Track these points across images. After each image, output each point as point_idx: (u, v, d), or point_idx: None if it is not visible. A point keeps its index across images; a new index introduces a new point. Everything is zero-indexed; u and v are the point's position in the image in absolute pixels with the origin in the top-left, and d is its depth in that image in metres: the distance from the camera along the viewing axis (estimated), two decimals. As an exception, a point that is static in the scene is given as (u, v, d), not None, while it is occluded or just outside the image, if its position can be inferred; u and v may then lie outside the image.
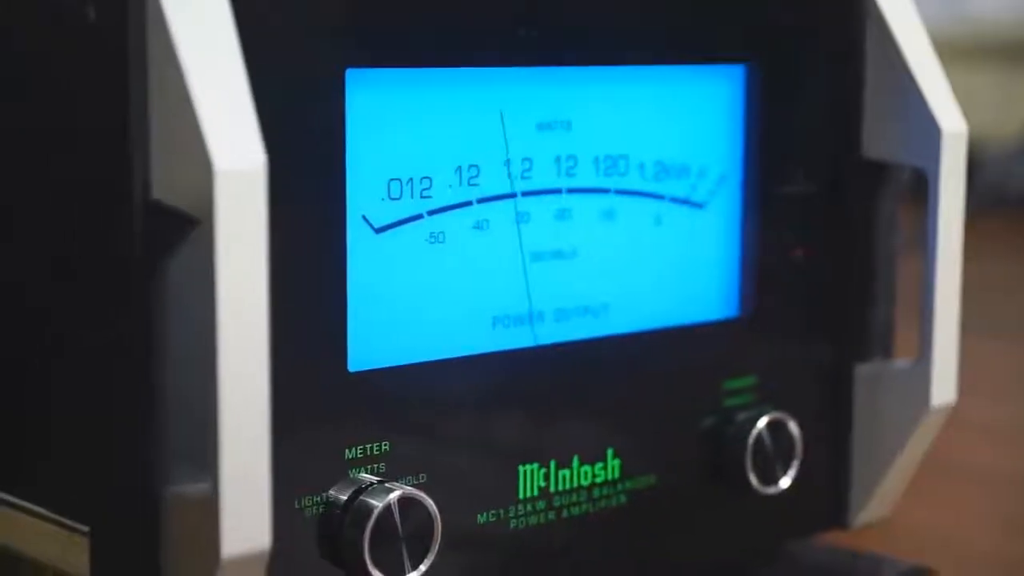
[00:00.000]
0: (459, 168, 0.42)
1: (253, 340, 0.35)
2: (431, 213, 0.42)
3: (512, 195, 0.43)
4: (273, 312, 0.35)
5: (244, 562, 0.35)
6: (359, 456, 0.40)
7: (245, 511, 0.35)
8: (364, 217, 0.40)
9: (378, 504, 0.39)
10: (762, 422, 0.48)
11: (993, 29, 1.56)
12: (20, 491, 0.41)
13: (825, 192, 0.49)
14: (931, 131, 0.48)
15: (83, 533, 0.38)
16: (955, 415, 0.50)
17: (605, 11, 0.44)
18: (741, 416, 0.48)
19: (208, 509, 0.35)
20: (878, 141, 0.49)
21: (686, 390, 0.47)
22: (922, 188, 0.48)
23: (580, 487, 0.45)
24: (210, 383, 0.35)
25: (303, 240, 0.39)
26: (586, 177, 0.45)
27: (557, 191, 0.44)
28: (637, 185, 0.46)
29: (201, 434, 0.35)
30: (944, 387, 0.49)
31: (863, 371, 0.50)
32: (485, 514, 0.43)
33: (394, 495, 0.39)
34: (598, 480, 0.45)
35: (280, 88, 0.38)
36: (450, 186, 0.42)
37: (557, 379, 0.44)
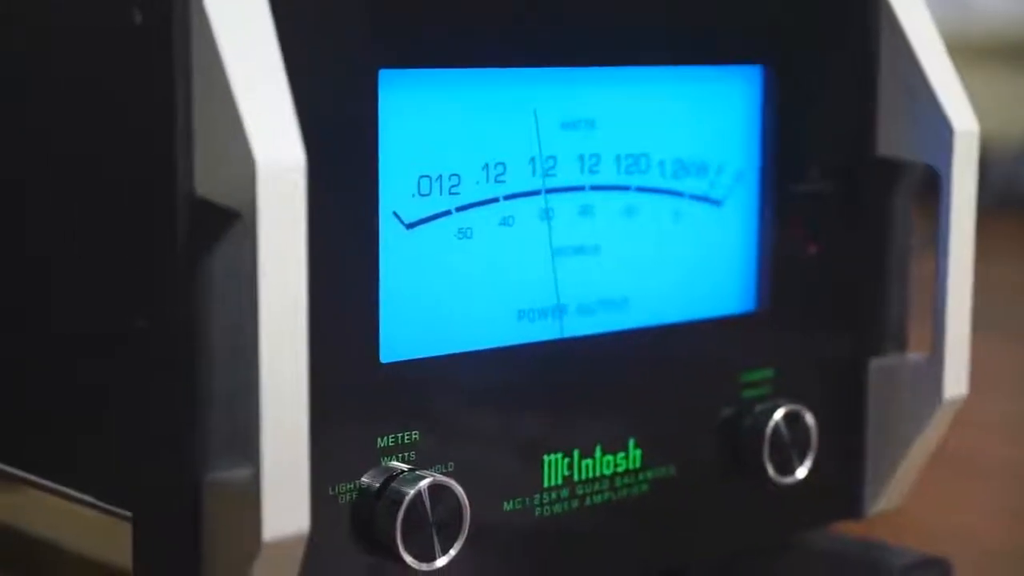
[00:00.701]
0: (486, 165, 0.43)
1: (292, 330, 0.36)
2: (459, 209, 0.43)
3: (537, 192, 0.45)
4: (309, 304, 0.37)
5: (284, 546, 0.37)
6: (390, 445, 0.42)
7: (285, 496, 0.36)
8: (395, 213, 0.42)
9: (409, 491, 0.40)
10: (779, 414, 0.49)
11: (1000, 29, 1.56)
12: (62, 478, 0.42)
13: (840, 189, 0.50)
14: (943, 130, 0.49)
15: (126, 519, 0.40)
16: (966, 412, 0.51)
17: (627, 14, 0.45)
18: (758, 408, 0.49)
19: (249, 494, 0.36)
20: (891, 140, 0.50)
21: (705, 382, 0.48)
22: (934, 189, 0.49)
23: (603, 476, 0.46)
24: (251, 372, 0.36)
25: (337, 235, 0.40)
26: (608, 174, 0.46)
27: (580, 188, 0.45)
28: (657, 182, 0.47)
29: (242, 422, 0.36)
30: (956, 380, 0.50)
31: (877, 365, 0.51)
32: (511, 502, 0.44)
33: (425, 482, 0.41)
34: (620, 469, 0.47)
35: (316, 88, 0.39)
36: (477, 183, 0.43)
37: (580, 371, 0.45)
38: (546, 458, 0.45)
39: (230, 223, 0.36)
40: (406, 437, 0.42)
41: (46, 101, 0.41)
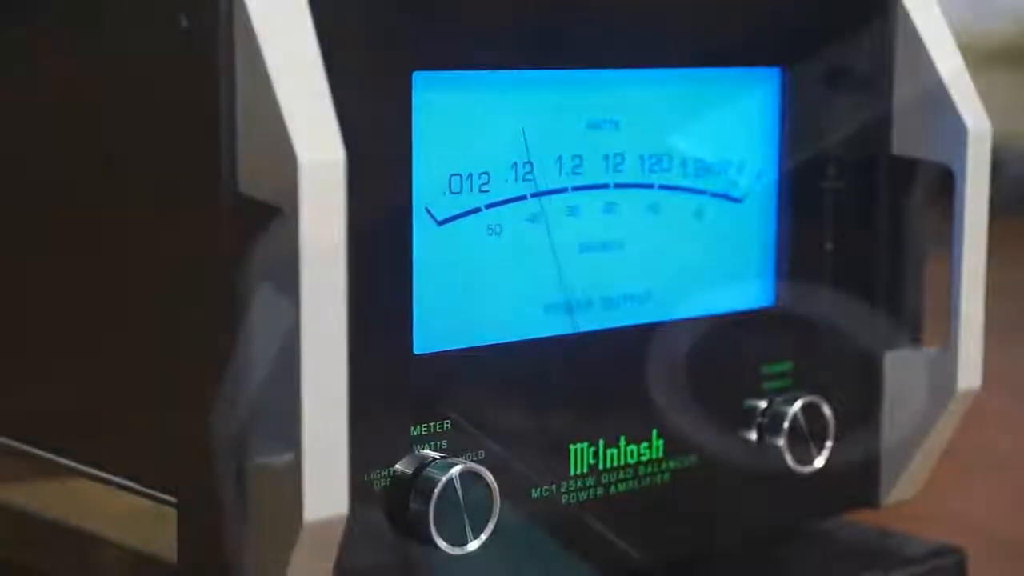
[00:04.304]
0: (515, 164, 0.45)
1: (332, 321, 0.38)
2: (489, 206, 0.44)
3: (563, 190, 0.46)
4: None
5: (324, 527, 0.38)
6: (423, 433, 0.43)
7: (325, 479, 0.38)
8: (428, 210, 0.43)
9: (442, 477, 0.42)
10: (798, 405, 0.50)
11: (1013, 29, 1.57)
12: (107, 465, 0.43)
13: (856, 187, 0.52)
14: (956, 129, 0.50)
15: (170, 504, 0.41)
16: (983, 407, 0.52)
17: (650, 18, 0.47)
18: (778, 399, 0.50)
19: (291, 478, 0.38)
20: (906, 139, 0.51)
21: (725, 374, 0.50)
22: (948, 189, 0.51)
23: (627, 465, 0.47)
24: (293, 360, 0.37)
25: (372, 231, 0.41)
26: (632, 173, 0.47)
27: (605, 186, 0.47)
28: (679, 181, 0.48)
29: (285, 408, 0.38)
30: (969, 372, 0.51)
31: (893, 358, 0.52)
32: (538, 489, 0.46)
33: (457, 469, 0.42)
34: (643, 459, 0.48)
35: (353, 90, 0.40)
36: (506, 181, 0.45)
37: (605, 363, 0.47)
38: (572, 447, 0.46)
39: (273, 218, 0.38)
40: (438, 426, 0.43)
41: (96, 103, 0.43)
